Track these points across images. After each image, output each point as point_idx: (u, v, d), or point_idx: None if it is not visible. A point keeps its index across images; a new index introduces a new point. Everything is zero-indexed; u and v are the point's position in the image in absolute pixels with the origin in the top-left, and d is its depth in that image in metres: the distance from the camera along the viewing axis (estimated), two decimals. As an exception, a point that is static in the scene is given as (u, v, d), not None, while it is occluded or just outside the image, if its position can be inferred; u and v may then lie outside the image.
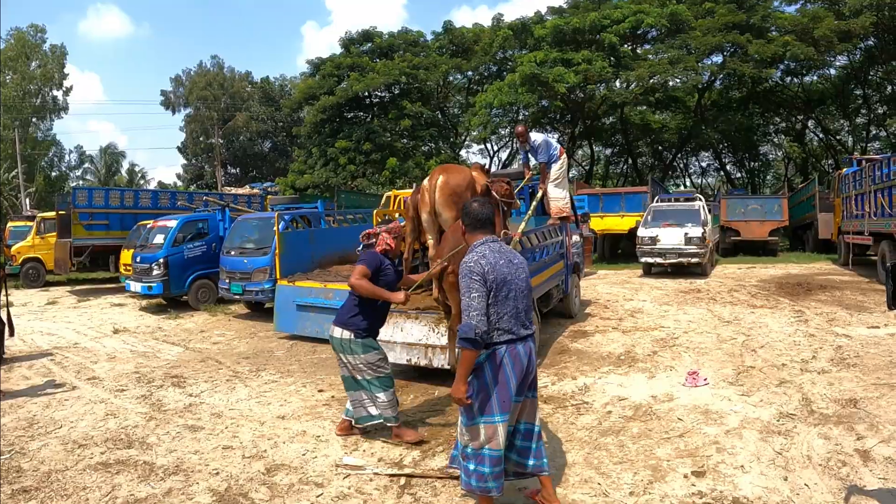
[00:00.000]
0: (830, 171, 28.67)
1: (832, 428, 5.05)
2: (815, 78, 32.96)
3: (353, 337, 5.08)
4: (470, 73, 36.07)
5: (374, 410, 5.21)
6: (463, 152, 40.17)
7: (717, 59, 29.28)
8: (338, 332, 5.12)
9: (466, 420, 3.72)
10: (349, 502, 4.19)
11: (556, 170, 9.02)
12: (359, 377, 5.18)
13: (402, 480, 4.47)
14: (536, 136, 9.05)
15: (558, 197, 9.13)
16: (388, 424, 5.23)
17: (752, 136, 34.57)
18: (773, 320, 9.59)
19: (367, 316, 5.14)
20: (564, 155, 9.24)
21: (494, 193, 6.62)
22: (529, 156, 9.42)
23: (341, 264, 11.14)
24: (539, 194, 9.04)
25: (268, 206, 18.43)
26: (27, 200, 37.54)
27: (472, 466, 3.69)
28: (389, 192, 14.90)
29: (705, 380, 6.52)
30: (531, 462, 3.91)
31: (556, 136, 33.58)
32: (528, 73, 25.58)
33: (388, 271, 5.22)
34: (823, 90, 32.67)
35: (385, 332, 6.89)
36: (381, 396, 5.15)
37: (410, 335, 6.84)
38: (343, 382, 5.37)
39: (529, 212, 8.64)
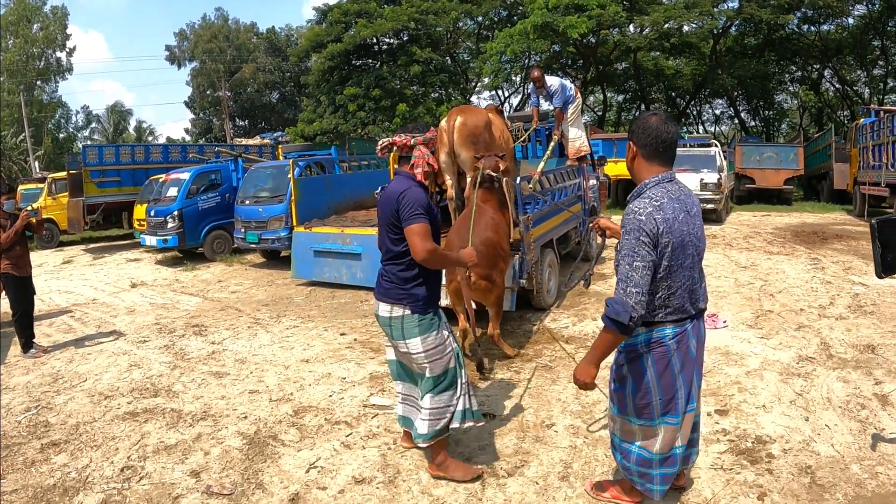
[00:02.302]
0: (846, 121, 28.08)
1: (850, 372, 5.09)
2: (832, 27, 32.12)
3: (408, 313, 3.46)
4: (480, 18, 35.29)
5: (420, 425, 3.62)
6: (474, 98, 39.66)
7: (734, 3, 28.56)
8: (384, 310, 3.52)
9: (618, 412, 3.05)
10: (379, 441, 4.26)
11: (571, 111, 8.95)
12: (416, 369, 3.65)
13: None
14: (552, 80, 8.92)
15: (575, 137, 9.07)
16: (420, 445, 3.67)
17: (768, 83, 33.83)
18: (789, 267, 9.58)
19: (425, 280, 3.50)
20: (579, 94, 9.16)
21: (489, 171, 6.41)
22: (542, 100, 9.30)
23: (357, 210, 11.18)
24: (555, 139, 8.98)
25: (279, 155, 18.32)
26: (36, 163, 37.37)
27: (619, 458, 3.12)
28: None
29: (724, 322, 6.57)
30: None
31: (568, 80, 32.99)
32: (539, 22, 24.98)
33: (434, 211, 3.55)
34: (841, 39, 31.83)
35: None
36: (427, 402, 3.54)
37: None
38: (389, 367, 3.97)
39: (548, 152, 8.62)
